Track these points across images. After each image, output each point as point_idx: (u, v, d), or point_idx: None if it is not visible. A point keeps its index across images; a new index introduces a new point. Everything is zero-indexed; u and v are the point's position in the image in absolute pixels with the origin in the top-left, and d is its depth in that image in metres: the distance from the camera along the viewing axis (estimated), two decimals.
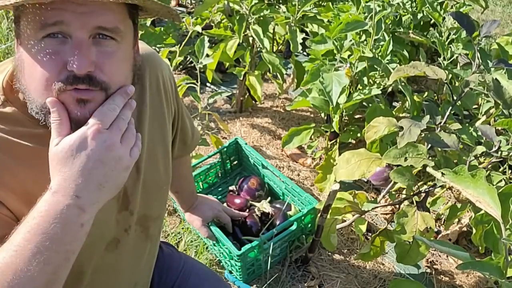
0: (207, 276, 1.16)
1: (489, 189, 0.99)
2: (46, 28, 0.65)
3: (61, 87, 0.66)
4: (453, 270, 1.68)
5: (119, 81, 0.72)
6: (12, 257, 0.63)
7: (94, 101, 0.69)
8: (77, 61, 0.65)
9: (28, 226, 0.64)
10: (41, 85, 0.67)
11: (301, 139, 1.94)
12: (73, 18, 0.65)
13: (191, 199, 1.44)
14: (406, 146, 1.24)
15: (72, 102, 0.68)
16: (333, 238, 1.50)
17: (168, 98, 0.96)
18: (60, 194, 0.64)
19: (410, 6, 2.12)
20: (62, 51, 0.66)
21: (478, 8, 2.27)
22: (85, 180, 0.65)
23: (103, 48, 0.68)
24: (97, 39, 0.68)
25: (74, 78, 0.66)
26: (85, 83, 0.67)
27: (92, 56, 0.67)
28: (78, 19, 0.65)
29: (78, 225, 0.65)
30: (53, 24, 0.64)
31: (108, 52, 0.69)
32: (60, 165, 0.65)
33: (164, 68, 0.95)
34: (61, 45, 0.66)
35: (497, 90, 1.33)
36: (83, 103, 0.68)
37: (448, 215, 1.49)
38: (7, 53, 2.76)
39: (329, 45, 1.80)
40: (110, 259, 0.86)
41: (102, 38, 0.68)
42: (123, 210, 0.86)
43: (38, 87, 0.67)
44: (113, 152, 0.67)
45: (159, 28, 2.31)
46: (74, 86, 0.66)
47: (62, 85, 0.66)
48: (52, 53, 0.66)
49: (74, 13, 0.65)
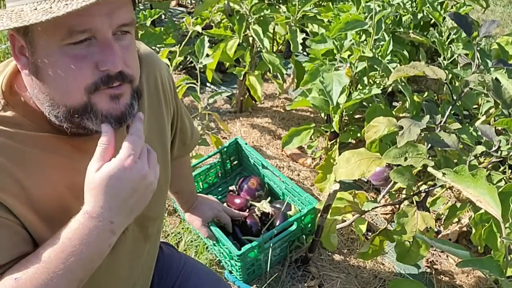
0: (207, 276, 1.16)
1: (489, 188, 0.99)
2: (74, 35, 0.65)
3: (97, 88, 0.68)
4: (453, 270, 1.68)
5: (137, 70, 0.76)
6: (40, 272, 0.67)
7: (125, 95, 0.72)
8: (111, 60, 0.67)
9: (59, 244, 0.67)
10: (73, 89, 0.68)
11: (301, 139, 1.94)
12: (99, 21, 0.66)
13: (191, 199, 1.44)
14: (406, 146, 1.24)
15: (106, 100, 0.70)
16: (333, 238, 1.50)
17: (167, 99, 0.96)
18: (96, 219, 0.68)
19: (410, 6, 2.12)
20: (90, 53, 0.67)
21: (478, 8, 2.27)
22: (120, 207, 0.70)
23: (122, 43, 0.71)
24: (117, 35, 0.70)
25: (108, 77, 0.68)
26: (118, 79, 0.70)
27: (120, 53, 0.69)
28: (103, 21, 0.66)
29: (107, 246, 0.71)
30: (83, 31, 0.65)
31: (127, 46, 0.71)
32: (97, 192, 0.68)
33: (163, 68, 0.95)
34: (88, 47, 0.67)
35: (497, 90, 1.33)
36: (117, 98, 0.71)
37: (448, 215, 1.49)
38: (7, 53, 2.75)
39: (329, 45, 1.80)
40: (107, 259, 0.86)
41: (122, 33, 0.70)
42: None
43: (67, 93, 0.68)
44: (146, 180, 0.72)
45: (159, 28, 2.31)
46: (110, 84, 0.69)
47: (97, 86, 0.68)
48: (81, 57, 0.67)
49: (100, 16, 0.65)
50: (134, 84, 0.74)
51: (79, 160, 0.76)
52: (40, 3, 0.64)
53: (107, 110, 0.70)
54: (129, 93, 0.73)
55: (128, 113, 0.73)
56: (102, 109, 0.70)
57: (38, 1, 0.64)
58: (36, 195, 0.71)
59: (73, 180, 0.75)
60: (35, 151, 0.72)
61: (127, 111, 0.73)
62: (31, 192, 0.71)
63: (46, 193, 0.72)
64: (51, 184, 0.73)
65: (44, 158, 0.72)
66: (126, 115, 0.73)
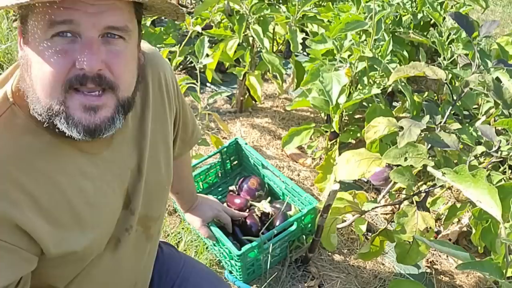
0: (207, 276, 1.16)
1: (489, 189, 0.99)
2: (55, 26, 0.65)
3: (71, 85, 0.66)
4: (453, 270, 1.68)
5: (127, 80, 0.73)
6: None
7: (105, 107, 0.69)
8: (87, 59, 0.65)
9: None
10: (49, 84, 0.67)
11: (301, 139, 1.94)
12: (84, 17, 0.65)
13: (191, 199, 1.44)
14: (406, 146, 1.24)
15: (79, 108, 0.68)
16: (333, 238, 1.51)
17: (170, 97, 0.96)
18: None
19: (410, 6, 2.12)
20: (71, 50, 0.66)
21: (478, 8, 2.27)
22: None
23: (112, 47, 0.69)
24: (106, 38, 0.68)
25: (83, 76, 0.66)
26: (94, 82, 0.67)
27: (102, 55, 0.67)
28: (88, 18, 0.65)
29: None
30: (62, 22, 0.64)
31: (117, 51, 0.69)
32: None
33: (166, 68, 0.95)
34: (71, 44, 0.66)
35: (497, 90, 1.33)
36: (93, 110, 0.68)
37: (447, 215, 1.49)
38: (7, 53, 2.75)
39: (329, 45, 1.80)
40: (110, 258, 0.86)
41: (111, 37, 0.69)
42: (124, 209, 0.87)
43: (45, 87, 0.67)
44: None
45: (159, 28, 2.32)
46: (83, 84, 0.67)
47: (72, 83, 0.66)
48: (61, 52, 0.66)
49: (85, 13, 0.65)
50: (119, 94, 0.71)
51: (85, 163, 0.76)
52: None
53: (79, 118, 0.68)
54: (112, 105, 0.70)
55: (105, 127, 0.70)
56: (74, 115, 0.68)
57: None
58: (46, 204, 0.70)
59: (80, 184, 0.75)
60: (43, 159, 0.71)
61: (104, 125, 0.70)
62: (42, 201, 0.70)
63: (55, 200, 0.72)
64: (59, 191, 0.73)
65: (51, 165, 0.72)
66: (102, 128, 0.70)
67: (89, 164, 0.77)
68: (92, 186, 0.77)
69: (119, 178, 0.84)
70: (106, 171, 0.80)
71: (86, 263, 0.82)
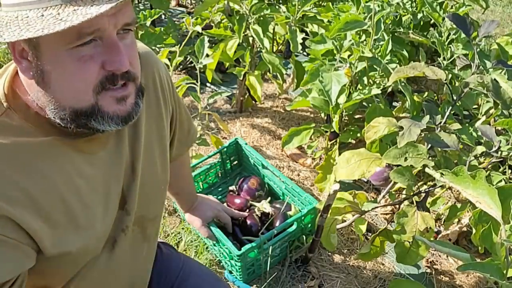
0: (207, 277, 1.16)
1: (489, 189, 0.99)
2: (83, 37, 0.65)
3: (103, 87, 0.69)
4: (453, 270, 1.68)
5: (139, 67, 0.76)
6: None
7: (130, 95, 0.74)
8: (119, 60, 0.68)
9: None
10: (79, 91, 0.68)
11: (301, 139, 1.94)
12: (107, 21, 0.66)
13: (191, 199, 1.44)
14: (406, 146, 1.24)
15: (113, 102, 0.71)
16: (333, 238, 1.50)
17: (166, 97, 0.96)
18: None
19: (410, 6, 2.12)
20: (96, 54, 0.67)
21: (478, 8, 2.27)
22: None
23: (126, 41, 0.71)
24: (121, 34, 0.70)
25: (114, 75, 0.69)
26: (123, 78, 0.70)
27: (125, 52, 0.69)
28: (110, 21, 0.66)
29: None
30: (91, 33, 0.65)
31: (129, 44, 0.72)
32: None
33: (161, 67, 0.95)
34: (94, 48, 0.67)
35: (496, 90, 1.33)
36: (123, 100, 0.72)
37: (448, 215, 1.49)
38: (7, 53, 2.75)
39: (329, 45, 1.80)
40: (107, 259, 0.86)
41: (125, 32, 0.71)
42: (119, 209, 0.86)
43: (75, 94, 0.69)
44: None
45: (159, 28, 2.31)
46: (115, 83, 0.70)
47: (104, 85, 0.69)
48: (87, 57, 0.67)
49: (107, 17, 0.66)
50: (137, 82, 0.75)
51: (81, 163, 0.76)
52: (46, 9, 0.63)
53: (114, 111, 0.71)
54: (134, 92, 0.74)
55: (134, 112, 0.75)
56: (109, 111, 0.71)
57: (43, 7, 0.63)
58: (42, 203, 0.71)
59: (76, 183, 0.75)
60: (39, 158, 0.71)
61: (134, 110, 0.75)
62: (38, 200, 0.70)
63: (51, 199, 0.72)
64: (55, 190, 0.73)
65: (48, 165, 0.72)
66: (133, 114, 0.74)
67: (85, 164, 0.77)
68: (87, 186, 0.77)
69: (115, 179, 0.84)
70: (101, 171, 0.81)
71: (82, 264, 0.81)
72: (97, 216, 0.80)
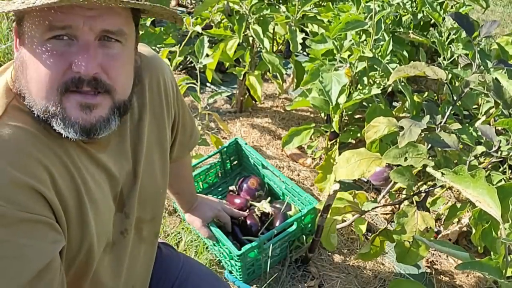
0: (206, 276, 1.16)
1: (489, 189, 0.99)
2: (53, 30, 0.65)
3: (67, 88, 0.67)
4: (453, 270, 1.68)
5: (124, 83, 0.73)
6: None
7: (100, 107, 0.70)
8: (84, 62, 0.66)
9: None
10: (44, 86, 0.67)
11: (301, 139, 1.94)
12: (81, 21, 0.65)
13: (191, 200, 1.44)
14: (406, 146, 1.24)
15: (76, 107, 0.68)
16: (333, 238, 1.50)
17: (169, 102, 0.96)
18: None
19: (410, 6, 2.12)
20: (67, 53, 0.66)
21: (478, 8, 2.27)
22: None
23: (108, 51, 0.69)
24: (102, 42, 0.68)
25: (79, 80, 0.67)
26: (90, 85, 0.68)
27: (98, 58, 0.67)
28: (86, 22, 0.65)
29: None
30: (62, 28, 0.65)
31: (113, 54, 0.70)
32: None
33: (166, 72, 0.95)
34: (67, 46, 0.66)
35: (497, 90, 1.33)
36: (88, 108, 0.69)
37: (448, 215, 1.49)
38: (7, 53, 2.76)
39: (329, 45, 1.80)
40: (105, 261, 0.86)
41: (108, 40, 0.69)
42: (118, 212, 0.86)
43: (41, 89, 0.67)
44: None
45: (159, 28, 2.31)
46: (79, 87, 0.67)
47: (67, 86, 0.67)
48: (57, 54, 0.66)
49: (83, 17, 0.65)
50: (115, 97, 0.71)
51: (86, 159, 0.77)
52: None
53: (76, 118, 0.68)
54: (107, 106, 0.71)
55: (100, 127, 0.71)
56: (71, 115, 0.68)
57: None
58: (59, 184, 0.70)
59: (85, 177, 0.75)
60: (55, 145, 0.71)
61: (99, 124, 0.70)
62: (56, 180, 0.70)
63: (66, 182, 0.72)
64: (69, 175, 0.73)
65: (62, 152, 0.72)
66: (97, 128, 0.70)
67: (88, 161, 0.77)
68: (93, 182, 0.77)
69: (114, 181, 0.83)
70: (102, 171, 0.80)
71: (76, 265, 0.81)
72: (101, 214, 0.80)
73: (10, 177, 0.63)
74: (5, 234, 0.63)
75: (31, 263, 0.65)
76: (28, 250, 0.65)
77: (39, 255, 0.66)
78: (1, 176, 0.63)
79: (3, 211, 0.62)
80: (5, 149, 0.65)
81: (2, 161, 0.64)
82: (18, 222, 0.64)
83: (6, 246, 0.64)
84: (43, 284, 0.67)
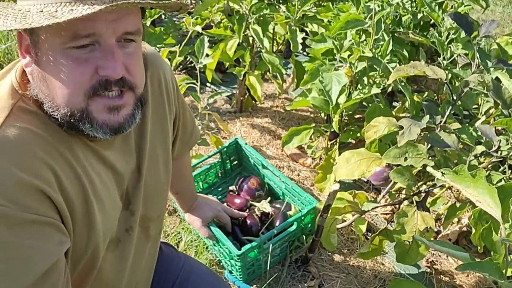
0: (207, 276, 1.16)
1: (489, 189, 0.99)
2: (78, 39, 0.66)
3: (95, 91, 0.68)
4: (453, 270, 1.68)
5: (141, 78, 0.76)
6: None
7: (127, 106, 0.73)
8: (112, 66, 0.68)
9: None
10: (71, 92, 0.68)
11: (301, 139, 1.94)
12: (104, 27, 0.66)
13: (191, 200, 1.44)
14: (406, 146, 1.24)
15: (104, 110, 0.70)
16: (333, 238, 1.50)
17: (170, 98, 0.96)
18: None
19: (409, 6, 2.12)
20: (92, 57, 0.67)
21: (478, 8, 2.27)
22: None
23: (127, 50, 0.71)
24: (121, 43, 0.70)
25: (107, 82, 0.69)
26: (118, 85, 0.70)
27: (121, 59, 0.69)
28: (108, 27, 0.66)
29: None
30: (87, 36, 0.66)
31: (131, 53, 0.72)
32: None
33: (166, 69, 0.96)
34: (91, 52, 0.67)
35: (497, 90, 1.33)
36: (116, 110, 0.71)
37: (447, 214, 1.48)
38: (7, 53, 2.76)
39: (329, 44, 1.80)
40: (110, 259, 0.86)
41: (126, 41, 0.71)
42: (124, 210, 0.87)
43: (67, 95, 0.68)
44: None
45: (159, 28, 2.31)
46: (108, 89, 0.69)
47: (96, 89, 0.68)
48: (82, 60, 0.67)
49: (104, 22, 0.66)
50: (137, 92, 0.74)
51: (91, 157, 0.77)
52: (46, 6, 0.64)
53: (103, 120, 0.71)
54: (132, 102, 0.74)
55: (128, 124, 0.74)
56: (98, 118, 0.70)
57: (45, 3, 0.64)
58: (65, 184, 0.71)
59: (91, 176, 0.76)
60: (60, 144, 0.72)
61: (127, 122, 0.73)
62: (62, 180, 0.70)
63: (72, 182, 0.72)
64: (75, 175, 0.73)
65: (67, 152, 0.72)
66: (125, 125, 0.73)
67: (94, 159, 0.77)
68: (99, 180, 0.78)
69: (120, 178, 0.84)
70: (109, 169, 0.81)
71: (83, 264, 0.81)
72: (107, 212, 0.80)
73: (16, 178, 0.64)
74: (10, 235, 0.63)
75: (36, 264, 0.65)
76: (33, 251, 0.65)
77: (44, 256, 0.66)
78: (7, 178, 0.63)
79: (8, 213, 0.62)
80: (11, 150, 0.65)
81: (8, 162, 0.64)
82: (23, 223, 0.64)
83: (11, 247, 0.64)
84: (47, 286, 0.67)
